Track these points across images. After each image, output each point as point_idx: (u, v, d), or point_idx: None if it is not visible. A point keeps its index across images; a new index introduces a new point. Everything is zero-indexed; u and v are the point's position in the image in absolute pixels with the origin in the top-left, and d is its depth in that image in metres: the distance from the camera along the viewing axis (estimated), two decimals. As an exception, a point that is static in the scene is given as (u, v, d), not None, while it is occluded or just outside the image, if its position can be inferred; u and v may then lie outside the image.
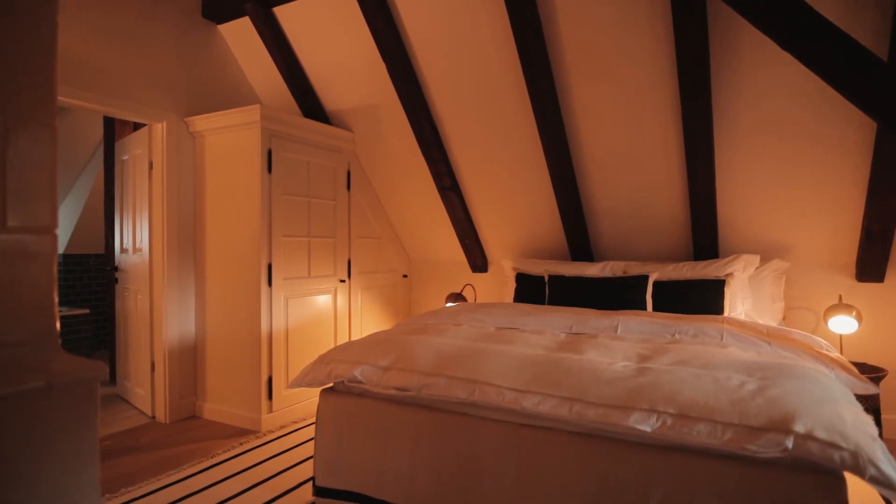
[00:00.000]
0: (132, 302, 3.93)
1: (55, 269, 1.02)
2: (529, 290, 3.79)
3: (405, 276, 4.93)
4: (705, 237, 3.51)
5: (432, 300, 4.88)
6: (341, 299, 4.10)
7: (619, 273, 3.61)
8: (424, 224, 4.59)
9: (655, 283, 3.38)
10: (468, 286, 4.57)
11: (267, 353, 3.46)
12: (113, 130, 4.38)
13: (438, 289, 4.84)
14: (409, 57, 3.53)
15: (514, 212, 4.10)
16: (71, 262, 5.71)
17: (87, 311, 5.44)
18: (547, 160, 3.56)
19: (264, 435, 3.34)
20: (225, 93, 3.95)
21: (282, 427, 3.48)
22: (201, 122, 3.64)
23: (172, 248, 3.63)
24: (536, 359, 2.12)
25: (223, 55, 3.99)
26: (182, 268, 3.69)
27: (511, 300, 3.92)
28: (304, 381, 2.43)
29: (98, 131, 4.99)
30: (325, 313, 3.95)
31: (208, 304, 3.71)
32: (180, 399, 3.67)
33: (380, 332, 2.77)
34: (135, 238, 3.89)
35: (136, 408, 3.89)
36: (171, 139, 3.61)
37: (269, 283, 3.47)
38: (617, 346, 2.27)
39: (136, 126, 3.96)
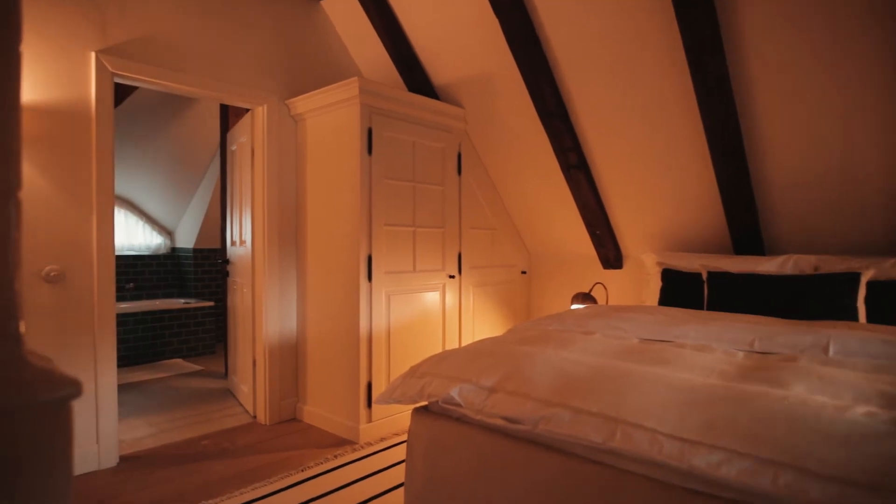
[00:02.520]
0: (239, 296, 3.81)
1: (16, 247, 0.62)
2: (680, 290, 3.01)
3: (524, 272, 4.34)
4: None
5: (555, 301, 4.24)
6: (450, 297, 3.63)
7: (809, 270, 2.71)
8: (546, 212, 3.97)
9: (870, 284, 2.45)
10: (598, 285, 3.87)
11: (366, 356, 3.09)
12: (227, 120, 4.34)
13: (562, 287, 4.19)
14: (526, 10, 2.94)
15: (658, 193, 3.33)
16: (200, 257, 5.92)
17: (212, 303, 5.58)
18: (705, 125, 2.77)
19: (361, 448, 2.97)
20: (328, 72, 3.67)
21: (381, 439, 3.09)
22: (302, 104, 3.38)
23: (273, 240, 3.41)
24: (710, 391, 1.44)
25: (325, 31, 3.72)
26: (283, 261, 3.46)
27: (655, 303, 3.16)
28: (392, 396, 1.97)
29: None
30: (431, 312, 3.51)
31: (309, 300, 3.45)
32: (280, 400, 3.44)
33: (487, 339, 2.23)
34: (241, 230, 3.75)
35: (241, 405, 3.76)
36: (271, 123, 3.39)
37: (369, 278, 3.10)
38: (840, 378, 1.50)
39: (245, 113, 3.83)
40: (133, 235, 5.79)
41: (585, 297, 3.57)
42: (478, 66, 3.41)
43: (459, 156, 3.71)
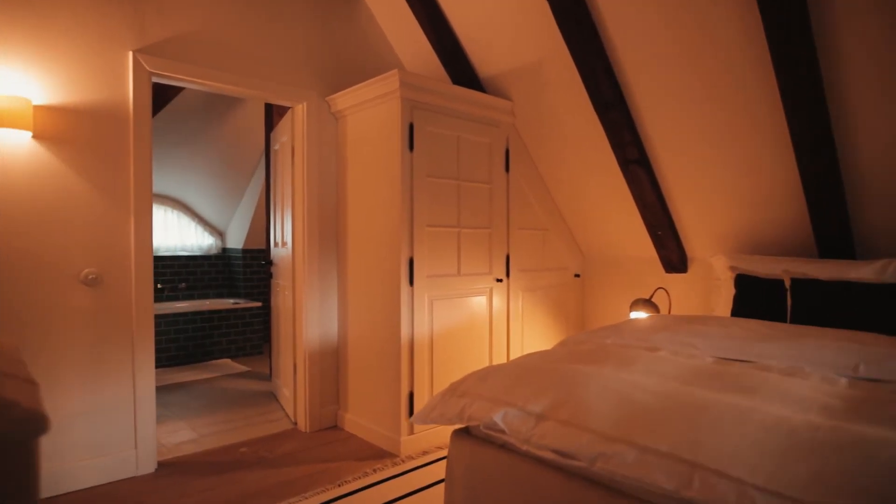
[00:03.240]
0: (281, 298, 3.73)
1: None
2: (757, 299, 2.67)
3: (577, 275, 4.06)
4: None
5: (612, 307, 3.94)
6: (498, 302, 3.41)
7: (915, 277, 2.32)
8: (602, 210, 3.68)
9: None
10: (660, 290, 3.55)
11: (408, 364, 2.92)
12: (271, 120, 4.28)
13: (620, 293, 3.88)
14: (581, -11, 2.69)
15: (729, 189, 2.99)
16: (248, 257, 5.95)
17: (259, 304, 5.59)
18: (787, 111, 2.43)
19: (402, 462, 2.80)
20: (369, 67, 3.52)
21: (423, 453, 2.91)
22: (342, 100, 3.25)
23: (313, 242, 3.29)
24: (812, 433, 1.17)
25: (366, 25, 3.58)
26: (323, 263, 3.35)
27: (727, 313, 2.83)
28: (429, 416, 1.78)
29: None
30: (477, 319, 3.30)
31: (350, 304, 3.31)
32: (321, 407, 3.33)
33: (535, 354, 2.00)
34: (282, 231, 3.67)
35: (283, 409, 3.68)
36: (311, 121, 3.28)
37: (411, 282, 2.93)
38: None
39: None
40: (186, 236, 5.88)
41: (646, 304, 3.27)
42: (527, 55, 3.18)
43: (507, 151, 3.48)
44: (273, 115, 4.22)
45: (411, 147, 2.93)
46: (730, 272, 2.93)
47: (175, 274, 5.75)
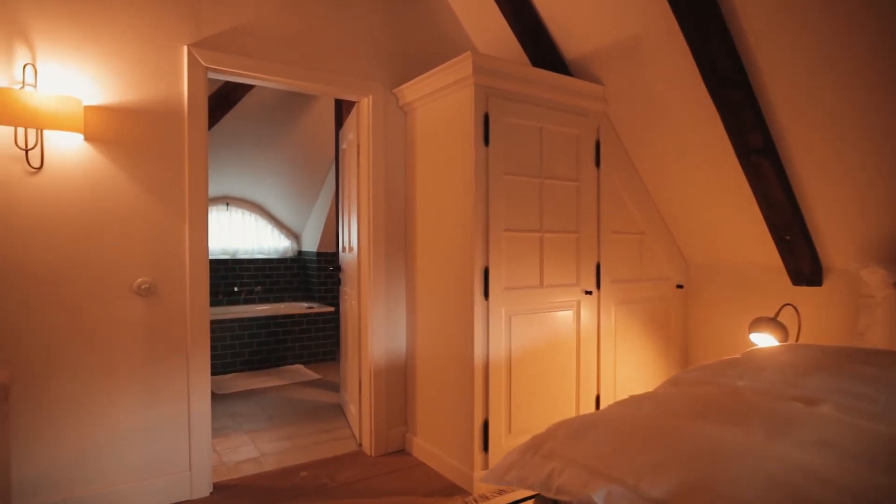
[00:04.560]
0: (349, 306, 3.50)
1: None
2: (937, 326, 2.05)
3: (680, 286, 3.50)
4: None
5: (724, 325, 3.35)
6: (587, 317, 2.96)
7: None
8: (712, 210, 3.11)
9: None
10: (787, 307, 2.93)
11: (482, 389, 2.56)
12: (341, 117, 4.08)
13: (733, 308, 3.29)
14: (694, -59, 2.19)
15: (886, 185, 2.36)
16: (323, 260, 5.84)
17: (332, 309, 5.45)
18: None
19: (474, 502, 2.44)
20: (440, 54, 3.18)
21: (499, 492, 2.53)
22: (410, 91, 2.94)
23: (379, 248, 3.01)
24: None
25: (437, 8, 3.24)
26: (390, 271, 3.06)
27: (887, 341, 2.21)
28: (506, 477, 1.41)
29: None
30: (563, 337, 2.87)
31: (419, 317, 3.00)
32: (388, 429, 3.04)
33: (641, 399, 1.56)
34: (349, 236, 3.43)
35: (349, 427, 3.44)
36: (377, 116, 2.99)
37: (486, 294, 2.56)
38: None
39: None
40: (262, 239, 5.87)
41: (772, 325, 2.68)
42: (621, 29, 2.70)
43: (598, 143, 3.02)
44: (342, 111, 4.01)
45: (486, 141, 2.56)
46: (891, 289, 2.30)
47: (252, 277, 5.74)
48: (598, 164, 3.02)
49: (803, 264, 2.90)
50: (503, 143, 2.62)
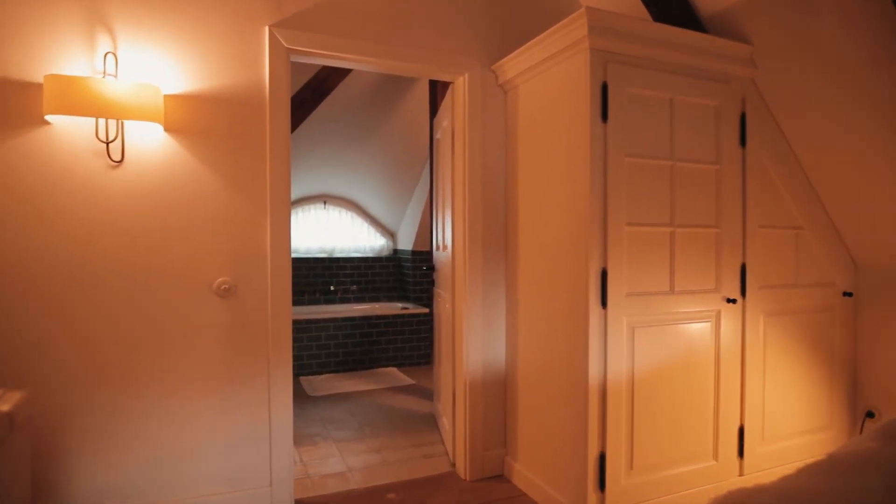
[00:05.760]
0: (442, 310, 3.20)
1: None
2: None
3: (848, 293, 2.80)
4: None
5: (910, 342, 2.62)
6: (729, 331, 2.41)
7: None
8: (892, 201, 2.42)
9: None
10: None
11: (597, 414, 2.12)
12: (435, 105, 3.79)
13: (926, 322, 2.55)
14: None
15: None
16: (418, 259, 5.62)
17: (426, 310, 5.20)
18: None
19: (589, 554, 2.02)
20: (544, 19, 2.76)
21: (620, 542, 2.08)
22: (511, 66, 2.56)
23: (476, 246, 2.67)
24: None
25: (545, -29, 2.83)
26: (488, 272, 2.70)
27: None
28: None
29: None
30: (698, 355, 2.35)
31: (521, 326, 2.62)
32: (484, 450, 2.69)
33: (859, 468, 1.06)
34: (443, 233, 3.13)
35: (443, 442, 3.14)
36: (473, 97, 2.65)
37: (604, 302, 2.12)
38: None
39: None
40: (358, 237, 5.78)
41: None
42: (782, -30, 2.13)
43: (743, 117, 2.45)
44: (436, 99, 3.72)
45: (605, 116, 2.12)
46: None
47: (348, 276, 5.67)
48: (743, 142, 2.46)
49: None
50: (625, 119, 2.16)
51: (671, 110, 2.28)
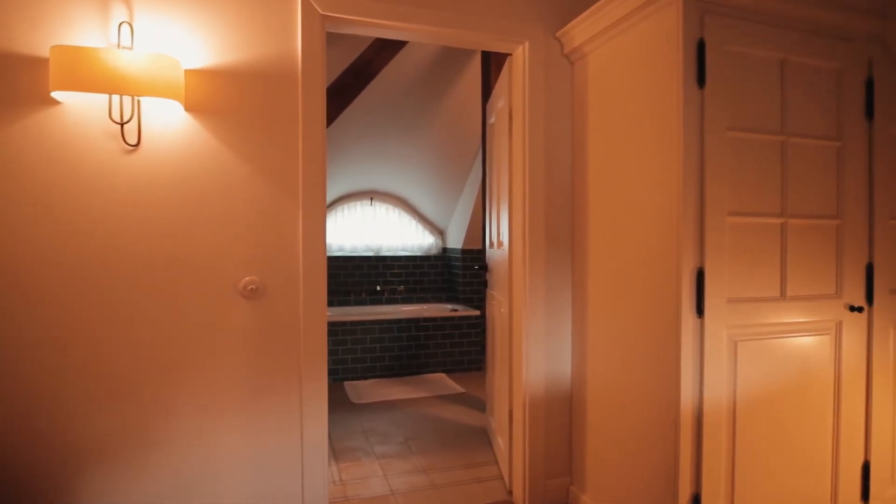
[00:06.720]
0: (497, 314, 2.86)
1: None
2: None
3: None
4: None
5: None
6: (852, 346, 1.96)
7: None
8: None
9: None
10: None
11: (691, 446, 1.73)
12: (488, 87, 3.46)
13: None
14: None
15: None
16: (468, 258, 5.30)
17: (477, 312, 4.87)
18: None
19: None
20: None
21: None
22: (580, 30, 2.19)
23: (537, 243, 2.31)
24: None
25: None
26: (552, 271, 2.34)
27: None
28: None
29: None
30: (814, 375, 1.91)
31: (590, 336, 2.24)
32: (546, 478, 2.33)
33: None
34: (498, 228, 2.79)
35: (496, 463, 2.80)
36: (534, 70, 2.29)
37: (699, 309, 1.72)
38: None
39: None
40: (406, 235, 5.51)
41: None
42: None
43: (870, 83, 1.99)
44: (490, 81, 3.38)
45: (701, 80, 1.72)
46: None
47: (395, 275, 5.41)
48: (870, 114, 1.99)
49: None
50: (726, 84, 1.76)
51: (782, 73, 1.85)
